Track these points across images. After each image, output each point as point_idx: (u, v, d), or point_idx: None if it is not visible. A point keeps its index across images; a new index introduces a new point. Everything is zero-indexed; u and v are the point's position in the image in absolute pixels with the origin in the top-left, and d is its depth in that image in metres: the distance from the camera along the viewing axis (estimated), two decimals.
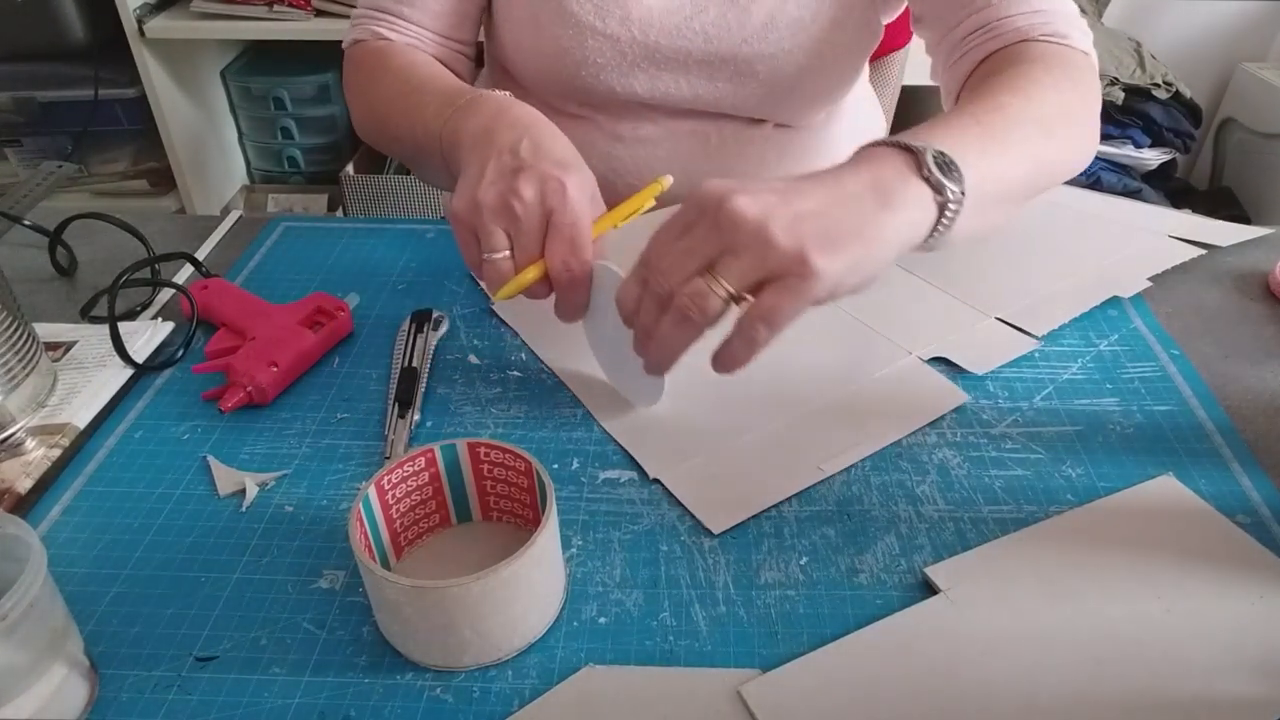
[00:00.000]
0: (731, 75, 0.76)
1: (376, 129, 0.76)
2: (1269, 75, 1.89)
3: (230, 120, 1.89)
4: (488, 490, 0.49)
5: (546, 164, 0.54)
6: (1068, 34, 0.66)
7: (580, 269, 0.53)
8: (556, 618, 0.45)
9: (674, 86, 0.77)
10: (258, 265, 0.73)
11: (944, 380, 0.59)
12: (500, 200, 0.54)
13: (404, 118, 0.69)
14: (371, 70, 0.76)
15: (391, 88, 0.73)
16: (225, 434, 0.56)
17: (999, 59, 0.65)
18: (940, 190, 0.49)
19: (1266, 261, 0.71)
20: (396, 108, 0.71)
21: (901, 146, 0.50)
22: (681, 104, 0.78)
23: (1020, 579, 0.46)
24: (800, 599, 0.45)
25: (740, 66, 0.76)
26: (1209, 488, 0.51)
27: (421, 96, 0.68)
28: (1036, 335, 0.62)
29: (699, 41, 0.75)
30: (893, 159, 0.49)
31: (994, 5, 0.67)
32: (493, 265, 0.54)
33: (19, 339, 0.56)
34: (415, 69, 0.73)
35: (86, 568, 0.48)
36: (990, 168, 0.52)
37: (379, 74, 0.75)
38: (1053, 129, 0.58)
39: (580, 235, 0.53)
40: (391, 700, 0.41)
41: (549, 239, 0.54)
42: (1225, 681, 0.41)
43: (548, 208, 0.53)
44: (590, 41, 0.74)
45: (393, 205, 1.75)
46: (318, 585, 0.47)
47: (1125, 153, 1.72)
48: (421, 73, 0.72)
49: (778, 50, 0.75)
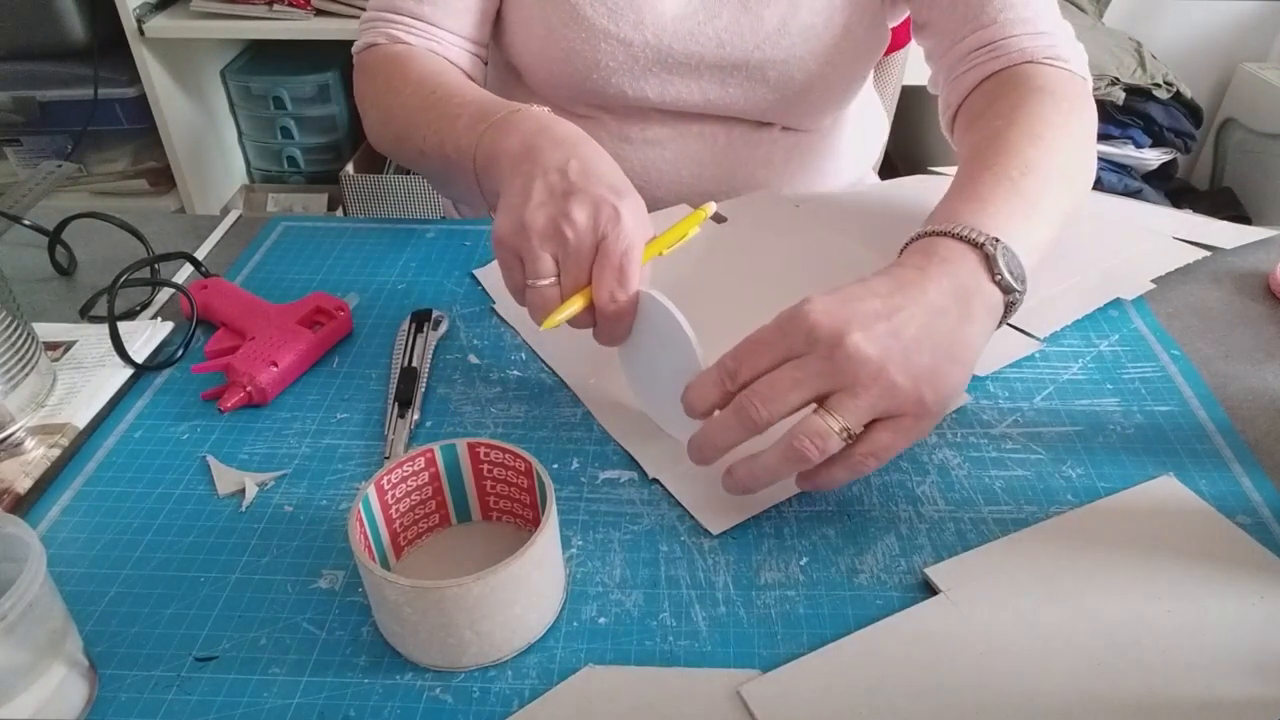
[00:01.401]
0: (743, 80, 0.76)
1: (396, 141, 0.72)
2: (1270, 75, 1.89)
3: (230, 120, 1.89)
4: (487, 490, 0.49)
5: (600, 188, 0.51)
6: (1069, 59, 0.66)
7: (629, 301, 0.51)
8: (556, 618, 0.45)
9: (685, 91, 0.77)
10: (257, 265, 0.73)
11: None
12: (550, 224, 0.51)
13: (431, 131, 0.65)
14: (389, 78, 0.72)
15: (414, 98, 0.69)
16: (225, 434, 0.56)
17: (1003, 80, 0.66)
18: (1009, 291, 0.50)
19: (1267, 262, 0.71)
20: (422, 120, 0.67)
21: (970, 243, 0.50)
22: (692, 108, 0.78)
23: (1020, 579, 0.46)
24: (800, 599, 0.45)
25: (752, 72, 0.76)
26: (1209, 488, 0.51)
27: (450, 108, 0.64)
28: (1038, 337, 0.62)
29: (711, 46, 0.75)
30: (967, 262, 0.49)
31: (999, 24, 0.67)
32: (538, 292, 0.52)
33: (18, 339, 0.56)
34: (440, 77, 0.70)
35: (86, 567, 0.48)
36: (1034, 241, 0.53)
37: (397, 83, 0.71)
38: (1072, 178, 0.59)
39: (631, 265, 0.51)
40: (391, 700, 0.41)
41: (598, 268, 0.51)
42: (1225, 682, 0.41)
43: (600, 234, 0.51)
44: (603, 45, 0.74)
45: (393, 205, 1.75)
46: (317, 585, 0.47)
47: (1125, 153, 1.72)
48: (448, 81, 0.69)
49: (789, 56, 0.75)
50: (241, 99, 1.84)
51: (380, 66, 0.75)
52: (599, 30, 0.74)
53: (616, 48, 0.74)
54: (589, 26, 0.74)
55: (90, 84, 1.69)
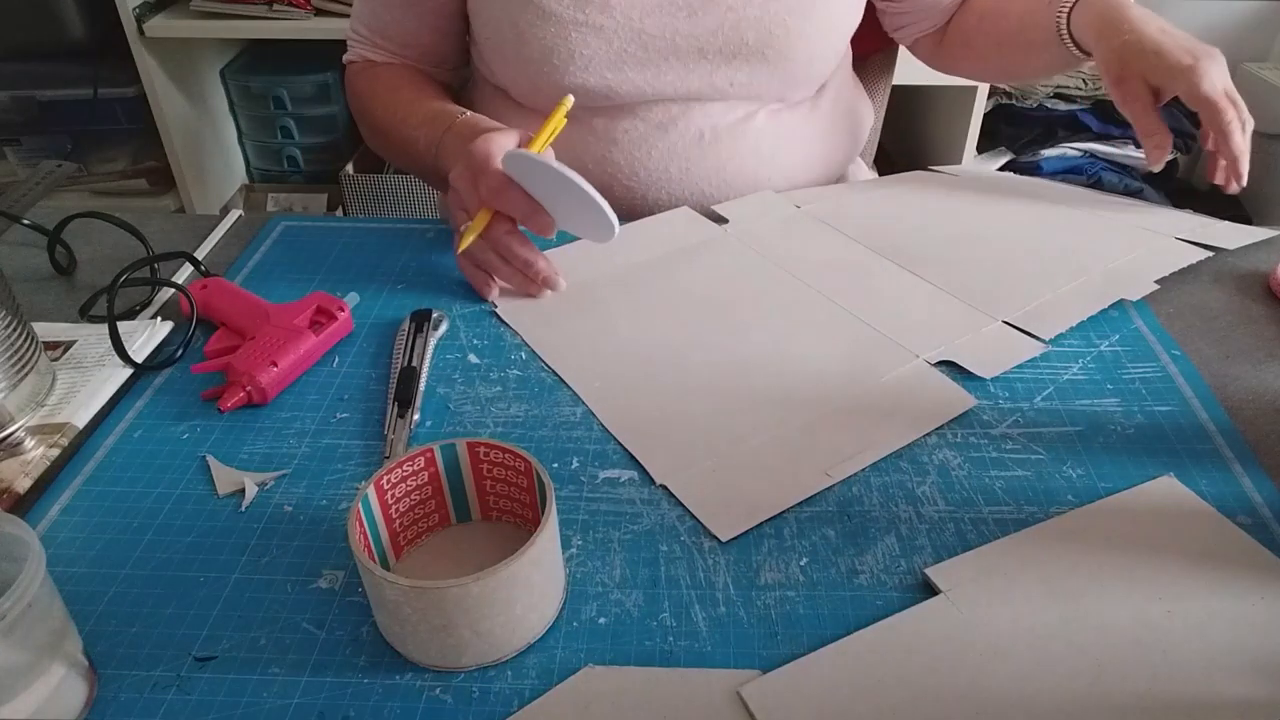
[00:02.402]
0: (721, 49, 0.77)
1: (387, 150, 0.85)
2: (1270, 75, 1.89)
3: (230, 119, 1.89)
4: (487, 490, 0.49)
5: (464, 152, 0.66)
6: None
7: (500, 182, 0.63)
8: (556, 618, 0.45)
9: (668, 77, 0.77)
10: (257, 265, 0.73)
11: (951, 384, 0.58)
12: (451, 200, 0.68)
13: (404, 155, 0.80)
14: (363, 94, 0.84)
15: (384, 116, 0.81)
16: (224, 433, 0.56)
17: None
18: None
19: (1267, 262, 0.71)
20: (395, 138, 0.80)
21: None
22: (678, 95, 0.79)
23: (1021, 580, 0.45)
24: (800, 600, 0.45)
25: (729, 38, 0.76)
26: (1210, 488, 0.51)
27: (408, 131, 0.77)
28: (1044, 338, 0.62)
29: (682, 17, 0.75)
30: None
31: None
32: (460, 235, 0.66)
33: (18, 338, 0.56)
34: (395, 93, 0.81)
35: (85, 567, 0.48)
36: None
37: (370, 100, 0.83)
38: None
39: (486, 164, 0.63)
40: (391, 700, 0.41)
41: (478, 184, 0.64)
42: (1226, 682, 0.41)
43: (471, 171, 0.65)
44: (574, 35, 0.75)
45: (393, 205, 1.75)
46: (317, 585, 0.47)
47: (1126, 153, 1.72)
48: (404, 100, 0.80)
49: (763, 13, 0.75)
50: (241, 99, 1.84)
51: (356, 83, 0.86)
52: (567, 21, 0.75)
53: (589, 35, 0.75)
54: (557, 20, 0.75)
55: (90, 83, 1.69)
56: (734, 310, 0.66)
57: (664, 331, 0.63)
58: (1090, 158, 1.73)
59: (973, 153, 1.66)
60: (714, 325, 0.64)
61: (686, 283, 0.69)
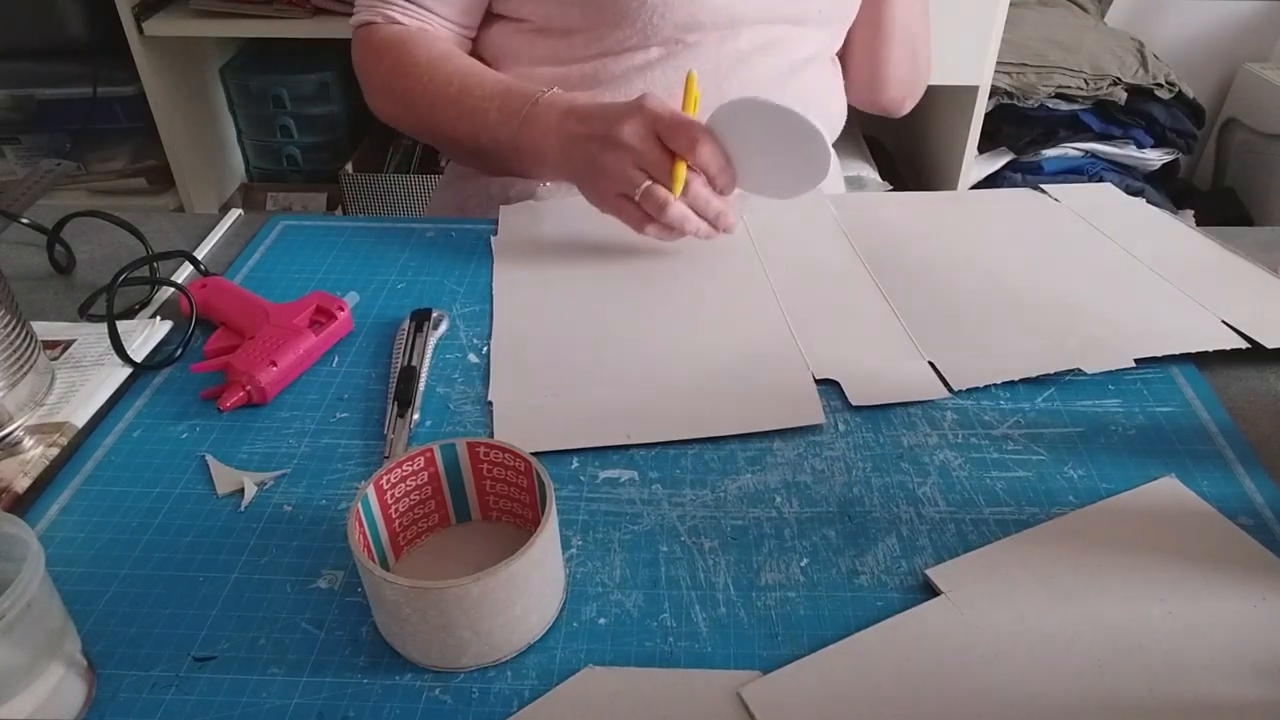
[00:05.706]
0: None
1: (418, 122, 0.80)
2: (1272, 75, 1.89)
3: (229, 118, 1.89)
4: (487, 490, 0.49)
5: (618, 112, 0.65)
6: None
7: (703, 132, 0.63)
8: (556, 618, 0.45)
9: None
10: (257, 264, 0.73)
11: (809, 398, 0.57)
12: (618, 162, 0.65)
13: (463, 123, 0.75)
14: (398, 61, 0.79)
15: (434, 87, 0.76)
16: (224, 433, 0.56)
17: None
18: None
19: (1268, 263, 0.71)
20: (451, 112, 0.76)
21: None
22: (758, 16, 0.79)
23: (1022, 581, 0.45)
24: (801, 600, 0.45)
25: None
26: (1211, 489, 0.51)
27: (475, 101, 0.74)
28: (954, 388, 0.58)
29: None
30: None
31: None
32: (649, 195, 0.64)
33: (17, 337, 0.55)
34: (448, 64, 0.77)
35: (84, 567, 0.48)
36: None
37: (408, 67, 0.78)
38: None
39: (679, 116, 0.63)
40: (390, 701, 0.41)
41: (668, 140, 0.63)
42: (1227, 684, 0.41)
43: (647, 128, 0.64)
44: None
45: (393, 204, 1.75)
46: (316, 585, 0.47)
47: (1127, 153, 1.72)
48: (463, 71, 0.76)
49: None
50: (241, 98, 1.83)
51: (381, 48, 0.80)
52: None
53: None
54: None
55: (89, 82, 1.68)
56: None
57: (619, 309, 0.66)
58: (1091, 158, 1.72)
59: (974, 153, 1.65)
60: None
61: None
